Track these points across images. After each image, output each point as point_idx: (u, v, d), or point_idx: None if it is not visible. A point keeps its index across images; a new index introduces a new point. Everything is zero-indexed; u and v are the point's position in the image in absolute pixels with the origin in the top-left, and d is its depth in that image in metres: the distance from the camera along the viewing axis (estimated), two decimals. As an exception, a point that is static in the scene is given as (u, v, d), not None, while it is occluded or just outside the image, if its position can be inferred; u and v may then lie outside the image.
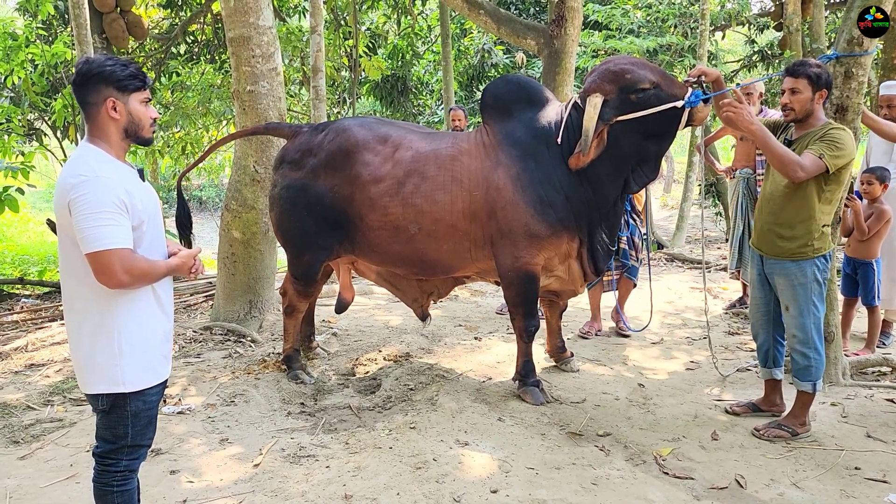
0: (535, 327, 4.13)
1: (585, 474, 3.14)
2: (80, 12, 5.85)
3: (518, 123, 4.01)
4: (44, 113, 9.40)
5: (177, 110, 10.41)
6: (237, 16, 5.08)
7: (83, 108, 2.24)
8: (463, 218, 3.98)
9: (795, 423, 3.60)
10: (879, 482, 3.11)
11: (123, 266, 2.11)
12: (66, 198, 2.11)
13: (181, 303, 6.48)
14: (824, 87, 3.41)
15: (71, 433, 3.60)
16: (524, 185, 3.87)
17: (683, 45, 11.62)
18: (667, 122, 3.75)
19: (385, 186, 4.05)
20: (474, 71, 15.00)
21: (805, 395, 3.60)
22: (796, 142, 3.47)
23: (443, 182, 3.99)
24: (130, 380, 2.23)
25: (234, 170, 5.47)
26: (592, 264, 4.13)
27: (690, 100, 3.67)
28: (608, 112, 3.71)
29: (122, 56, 8.18)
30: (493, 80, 4.91)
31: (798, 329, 3.54)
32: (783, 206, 3.49)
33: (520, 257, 3.94)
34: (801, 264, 3.48)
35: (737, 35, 17.26)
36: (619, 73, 3.72)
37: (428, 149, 4.09)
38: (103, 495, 2.31)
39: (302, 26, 10.80)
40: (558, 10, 7.50)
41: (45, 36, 8.96)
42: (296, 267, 4.44)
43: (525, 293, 4.04)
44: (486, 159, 3.98)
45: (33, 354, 4.95)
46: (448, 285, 4.61)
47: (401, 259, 4.20)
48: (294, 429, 3.67)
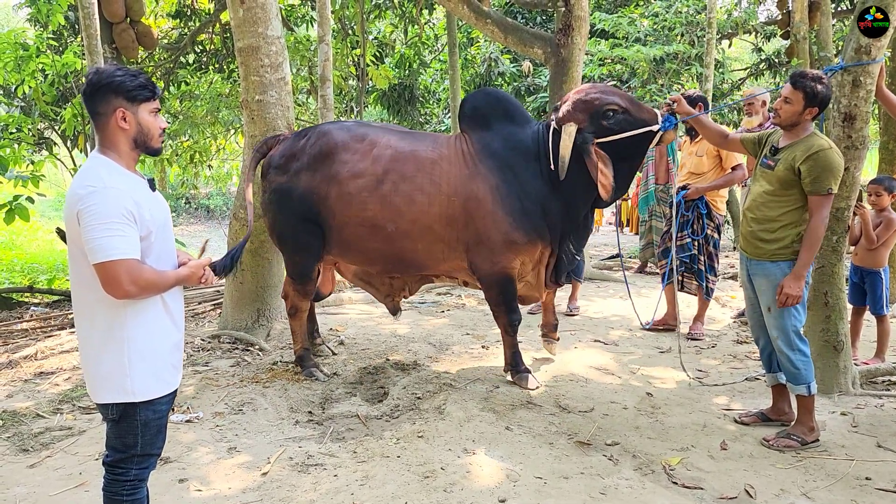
0: (517, 321, 4.43)
1: (594, 484, 3.13)
2: (90, 23, 5.90)
3: (496, 136, 4.26)
4: (54, 122, 9.47)
5: (185, 119, 10.48)
6: (246, 26, 5.11)
7: (93, 118, 2.25)
8: (439, 221, 4.20)
9: (803, 430, 3.59)
10: (891, 492, 3.08)
11: (130, 277, 2.12)
12: (75, 208, 2.12)
13: (189, 311, 6.50)
14: (818, 105, 3.46)
15: (80, 441, 3.61)
16: (503, 196, 4.14)
17: (690, 54, 11.63)
18: (638, 143, 4.07)
19: (363, 182, 4.24)
20: (481, 79, 15.05)
21: (804, 399, 3.60)
22: (783, 150, 3.55)
23: (421, 184, 4.19)
24: (140, 389, 2.24)
25: (242, 178, 5.50)
26: (554, 273, 4.43)
27: (665, 125, 4.01)
28: (587, 137, 4.00)
29: (132, 66, 8.25)
30: (470, 92, 5.25)
31: (779, 331, 3.60)
32: (767, 211, 3.59)
33: (498, 262, 4.21)
34: (781, 265, 3.55)
35: (744, 43, 17.27)
36: (589, 101, 4.05)
37: (407, 149, 4.29)
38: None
39: (310, 36, 10.87)
40: (565, 18, 7.53)
41: (55, 46, 9.04)
42: (291, 268, 4.65)
43: (504, 293, 4.34)
44: (464, 167, 4.21)
45: (42, 363, 4.97)
46: (418, 282, 4.83)
47: (377, 256, 4.40)
48: (302, 437, 3.67)
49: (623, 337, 5.72)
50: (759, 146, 3.77)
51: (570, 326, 6.04)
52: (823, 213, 3.43)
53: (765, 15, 15.34)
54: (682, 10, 11.91)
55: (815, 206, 3.43)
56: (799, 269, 3.46)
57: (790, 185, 3.49)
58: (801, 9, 10.07)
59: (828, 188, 3.40)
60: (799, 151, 3.45)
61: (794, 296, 3.45)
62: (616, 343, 5.53)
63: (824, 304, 4.23)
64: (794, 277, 3.46)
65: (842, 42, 12.12)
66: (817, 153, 3.40)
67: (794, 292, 3.45)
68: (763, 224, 3.60)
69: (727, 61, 14.23)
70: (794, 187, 3.48)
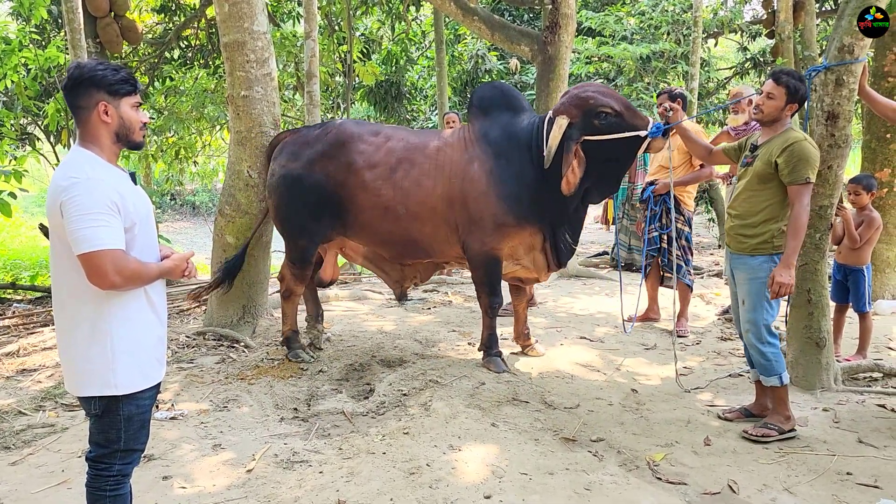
0: (498, 304, 4.65)
1: (579, 480, 3.14)
2: (74, 17, 5.84)
3: (495, 125, 4.51)
4: (36, 117, 9.37)
5: (170, 115, 10.40)
6: (232, 21, 5.08)
7: (74, 112, 2.25)
8: (442, 202, 4.45)
9: (780, 419, 3.67)
10: (871, 487, 3.12)
11: (115, 267, 2.12)
12: (59, 200, 2.11)
13: (174, 308, 6.46)
14: (798, 101, 3.60)
15: (63, 438, 3.58)
16: (496, 180, 4.35)
17: (676, 52, 11.70)
18: (627, 147, 4.21)
19: (378, 172, 4.52)
20: (468, 76, 15.05)
21: (778, 390, 3.69)
22: (762, 146, 3.66)
23: (428, 169, 4.48)
24: (123, 382, 2.23)
25: (227, 174, 5.46)
26: (556, 258, 4.62)
27: (652, 131, 4.11)
28: (575, 133, 4.13)
29: (116, 61, 8.19)
30: (480, 84, 5.44)
31: (750, 324, 3.69)
32: (748, 206, 3.68)
33: (487, 242, 4.43)
34: (759, 259, 3.64)
35: (729, 42, 17.36)
36: (585, 99, 4.17)
37: (417, 140, 4.63)
38: (96, 500, 2.31)
39: (296, 31, 10.83)
40: (552, 16, 7.54)
41: (38, 40, 8.94)
42: (292, 251, 4.81)
43: (490, 274, 4.56)
44: (464, 152, 4.47)
45: (25, 360, 4.92)
46: (429, 270, 5.07)
47: (389, 238, 4.65)
48: (287, 434, 3.66)
49: (608, 334, 5.74)
50: (741, 151, 3.88)
51: (556, 323, 6.06)
52: (805, 201, 3.49)
53: (750, 14, 15.44)
54: (669, 8, 11.98)
55: (794, 195, 3.51)
56: (788, 258, 3.51)
57: (768, 178, 3.59)
58: (786, 8, 10.13)
59: (805, 177, 3.47)
60: (776, 145, 3.57)
61: (787, 284, 3.49)
62: (601, 340, 5.55)
63: (807, 302, 4.27)
64: (784, 266, 3.51)
65: (825, 42, 12.22)
66: (793, 144, 3.50)
67: (785, 280, 3.49)
68: (745, 219, 3.69)
69: (713, 60, 14.33)
70: (773, 181, 3.58)
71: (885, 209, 6.26)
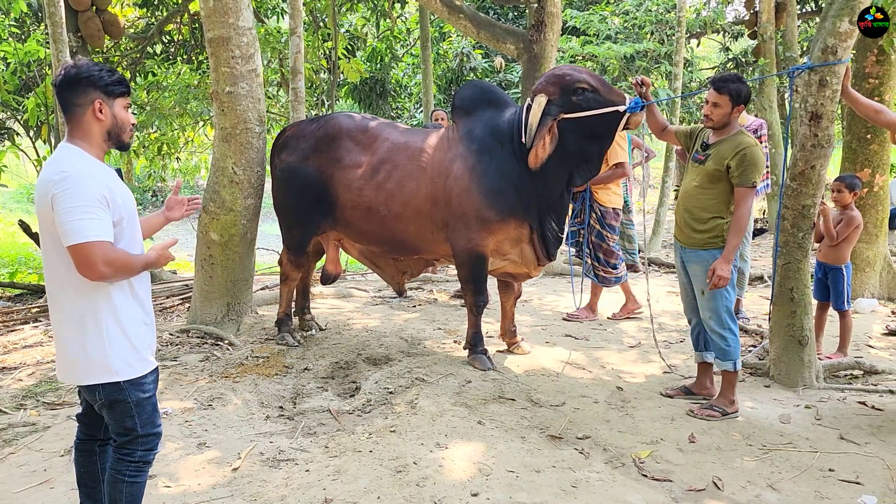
0: (483, 302, 4.68)
1: (565, 477, 3.16)
2: (55, 10, 5.76)
3: (478, 122, 4.54)
4: (16, 112, 9.23)
5: (153, 111, 10.27)
6: (216, 16, 5.03)
7: (67, 109, 2.30)
8: (426, 202, 4.50)
9: (725, 402, 3.92)
10: (853, 483, 3.16)
11: (105, 258, 2.18)
12: (49, 193, 2.17)
13: (157, 305, 6.39)
14: (742, 102, 3.80)
15: (44, 437, 3.54)
16: (479, 176, 4.38)
17: (660, 52, 11.77)
18: (606, 124, 4.24)
19: (361, 172, 4.63)
20: (453, 74, 15.05)
21: (729, 374, 3.93)
22: (713, 146, 3.88)
23: (411, 170, 4.54)
24: (122, 368, 2.31)
25: (211, 171, 5.41)
26: (544, 249, 4.61)
27: (630, 106, 4.15)
28: (553, 109, 4.17)
29: (97, 55, 8.09)
30: (463, 83, 5.53)
31: (711, 311, 3.91)
32: (698, 203, 3.91)
33: (471, 239, 4.45)
34: (712, 252, 3.87)
35: (712, 42, 17.51)
36: (561, 76, 4.24)
37: (402, 141, 4.67)
38: (114, 482, 2.40)
39: (280, 28, 10.74)
40: (537, 15, 7.56)
41: (17, 34, 8.81)
42: (288, 239, 5.10)
43: (475, 271, 4.58)
44: (448, 151, 4.51)
45: (5, 357, 4.85)
46: (420, 265, 5.21)
47: (374, 237, 4.79)
48: (273, 432, 3.64)
49: (594, 332, 5.77)
50: (691, 139, 4.08)
51: (542, 321, 6.08)
52: (749, 203, 3.79)
53: (732, 15, 15.58)
54: (653, 8, 12.05)
55: (740, 197, 3.77)
56: (728, 254, 3.77)
57: (718, 179, 3.82)
58: (768, 9, 10.26)
59: (752, 181, 3.75)
60: (727, 149, 3.77)
61: (725, 277, 3.75)
62: (587, 338, 5.57)
63: (790, 300, 4.32)
64: (724, 261, 3.77)
65: (807, 43, 12.36)
66: (745, 150, 3.72)
67: (724, 274, 3.74)
68: (694, 215, 3.91)
69: (696, 60, 14.42)
70: (722, 181, 3.81)
71: (865, 209, 6.35)
